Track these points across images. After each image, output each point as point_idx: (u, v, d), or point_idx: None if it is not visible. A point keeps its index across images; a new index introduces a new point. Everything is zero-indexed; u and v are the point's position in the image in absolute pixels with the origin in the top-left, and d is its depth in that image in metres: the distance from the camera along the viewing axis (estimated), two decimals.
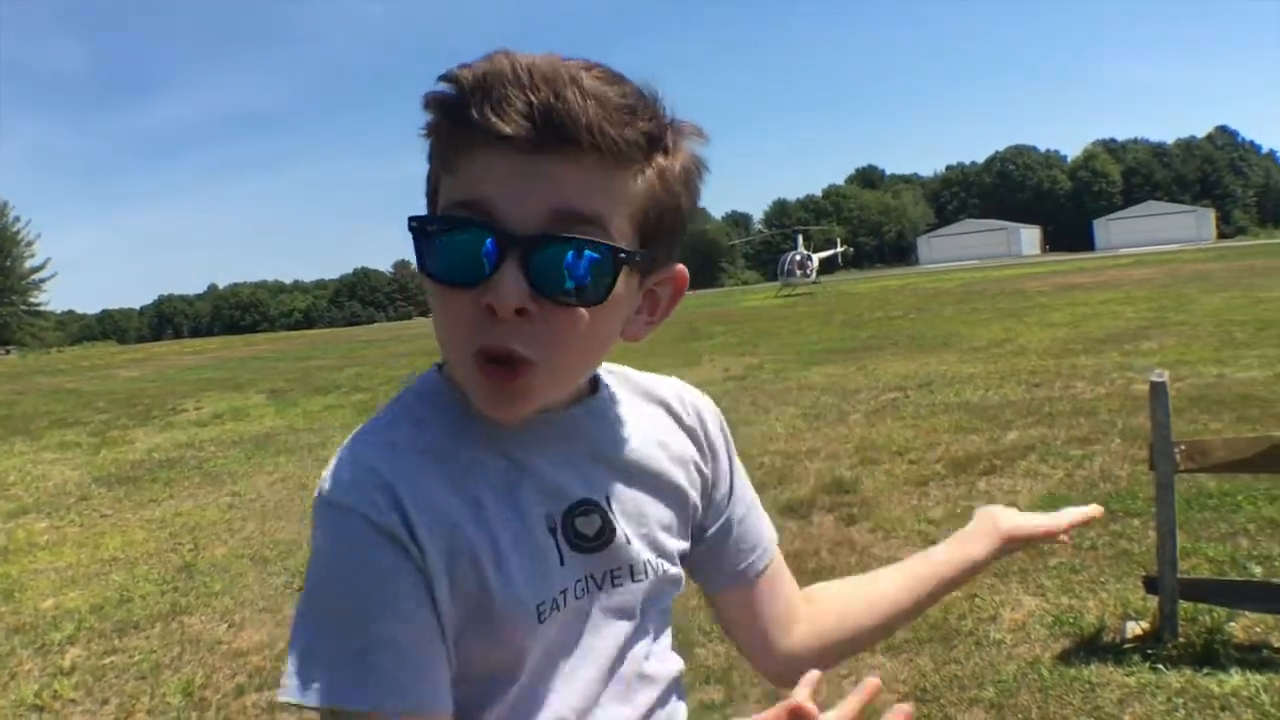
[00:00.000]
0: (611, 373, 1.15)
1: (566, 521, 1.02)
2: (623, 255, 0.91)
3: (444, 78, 0.90)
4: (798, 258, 46.70)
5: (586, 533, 1.03)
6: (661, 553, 1.10)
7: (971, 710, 3.91)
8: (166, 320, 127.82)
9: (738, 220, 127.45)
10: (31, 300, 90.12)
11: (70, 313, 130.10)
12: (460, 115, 0.87)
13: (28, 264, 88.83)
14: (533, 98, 0.85)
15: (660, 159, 0.93)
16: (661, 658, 1.12)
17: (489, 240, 0.87)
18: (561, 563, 1.01)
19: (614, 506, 1.06)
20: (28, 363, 45.45)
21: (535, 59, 0.87)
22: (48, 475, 12.05)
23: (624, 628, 1.07)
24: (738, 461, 1.25)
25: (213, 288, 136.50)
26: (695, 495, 1.17)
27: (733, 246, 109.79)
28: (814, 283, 44.79)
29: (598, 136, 0.86)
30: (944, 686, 4.08)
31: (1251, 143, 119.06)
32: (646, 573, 1.08)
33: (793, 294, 41.56)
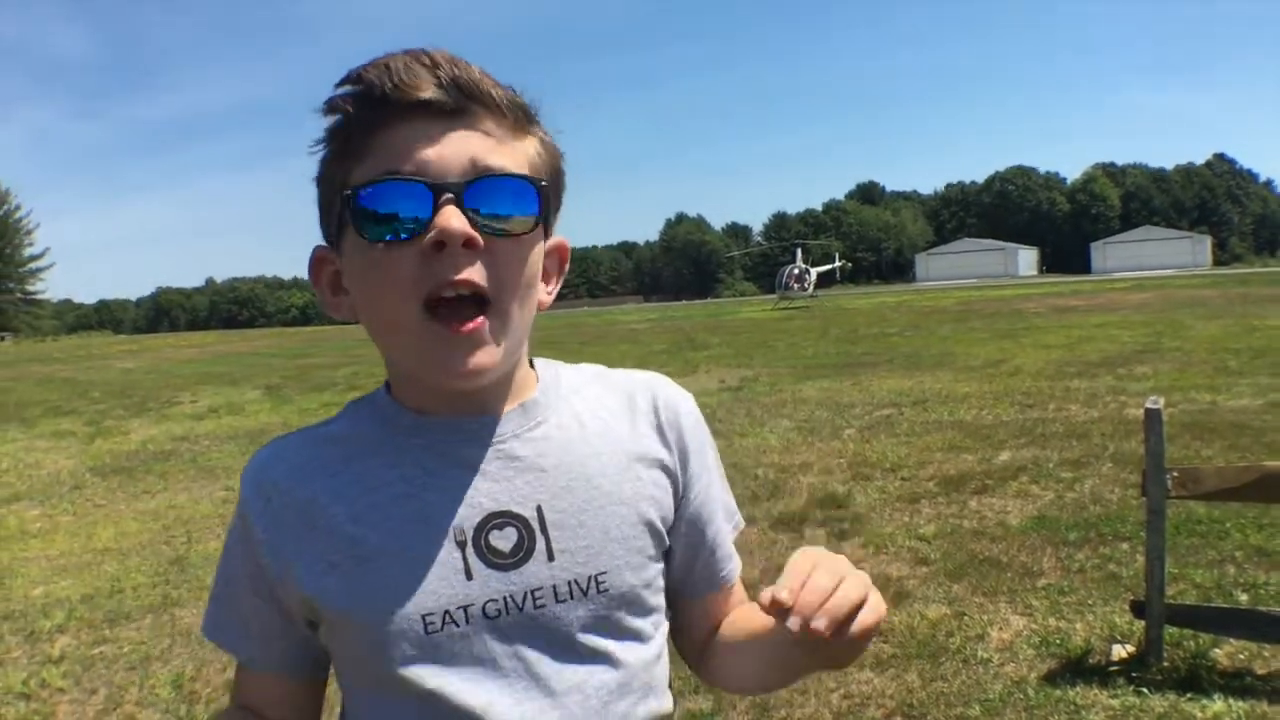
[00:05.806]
0: (579, 370, 1.17)
1: (478, 535, 1.00)
2: (543, 184, 0.99)
3: (344, 80, 0.96)
4: (796, 271, 46.85)
5: (501, 548, 1.01)
6: (605, 568, 1.04)
7: None
8: (163, 313, 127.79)
9: (737, 232, 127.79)
10: (29, 288, 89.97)
11: (67, 302, 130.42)
12: (373, 96, 0.93)
13: (26, 252, 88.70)
14: (439, 73, 0.93)
15: (538, 130, 1.02)
16: (623, 694, 1.05)
17: (424, 191, 0.92)
18: (469, 577, 0.99)
19: (545, 518, 1.03)
20: (23, 350, 45.43)
21: (423, 49, 0.96)
22: (41, 463, 12.08)
23: (553, 653, 1.01)
24: (714, 466, 1.19)
25: (210, 282, 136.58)
26: (663, 500, 1.11)
27: (731, 258, 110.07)
28: (811, 297, 44.89)
29: (498, 99, 0.96)
30: (930, 703, 4.11)
31: (1249, 171, 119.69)
32: (577, 592, 1.02)
33: (790, 307, 41.66)
